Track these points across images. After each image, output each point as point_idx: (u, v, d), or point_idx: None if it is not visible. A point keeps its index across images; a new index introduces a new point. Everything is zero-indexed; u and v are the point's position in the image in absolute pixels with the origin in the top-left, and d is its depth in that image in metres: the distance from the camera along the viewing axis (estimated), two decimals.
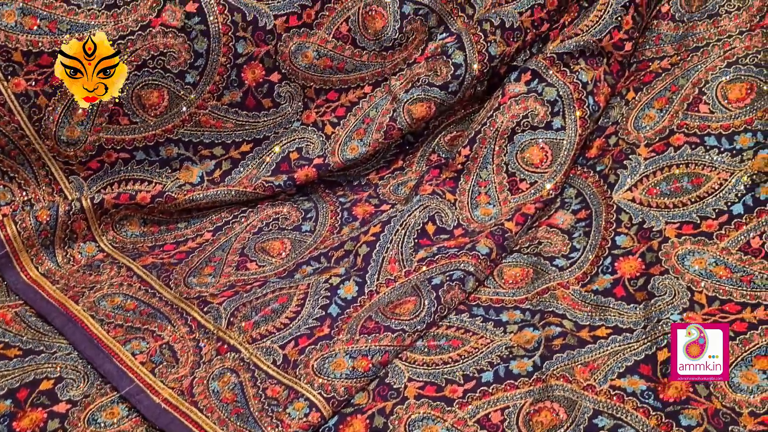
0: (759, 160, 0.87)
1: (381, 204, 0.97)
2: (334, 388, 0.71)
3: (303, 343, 0.76)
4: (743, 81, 0.92)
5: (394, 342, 0.75)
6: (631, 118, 0.97)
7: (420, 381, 0.73)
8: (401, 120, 0.99)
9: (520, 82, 0.99)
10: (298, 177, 0.97)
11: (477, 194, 0.96)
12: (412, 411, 0.70)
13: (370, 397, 0.72)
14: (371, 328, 0.77)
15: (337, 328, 0.78)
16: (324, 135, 1.01)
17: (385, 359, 0.74)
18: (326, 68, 1.00)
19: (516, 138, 0.96)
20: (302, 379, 0.72)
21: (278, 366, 0.74)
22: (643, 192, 0.90)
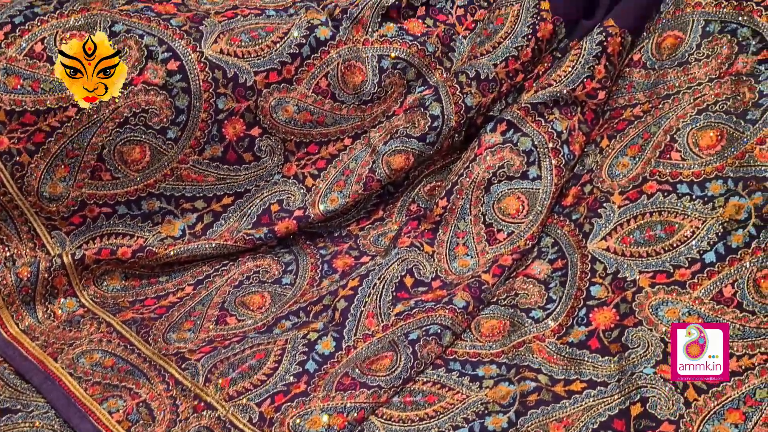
0: (730, 208, 0.88)
1: (361, 256, 0.98)
2: None
3: (279, 400, 0.77)
4: (713, 128, 0.94)
5: (370, 398, 0.76)
6: (605, 165, 0.98)
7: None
8: (380, 171, 1.00)
9: (495, 133, 1.01)
10: (278, 230, 0.98)
11: (455, 245, 0.97)
12: None
13: None
14: (347, 385, 0.77)
15: (313, 385, 0.78)
16: (305, 187, 1.03)
17: (361, 416, 0.75)
18: (306, 122, 1.02)
19: (492, 188, 0.98)
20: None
21: (254, 424, 0.74)
22: (617, 241, 0.91)
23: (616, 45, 1.02)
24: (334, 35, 1.01)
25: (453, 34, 1.08)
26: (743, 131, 0.91)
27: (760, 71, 0.94)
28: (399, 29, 1.06)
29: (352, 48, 1.02)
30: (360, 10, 1.04)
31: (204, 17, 0.99)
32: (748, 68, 0.95)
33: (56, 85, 0.91)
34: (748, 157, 0.89)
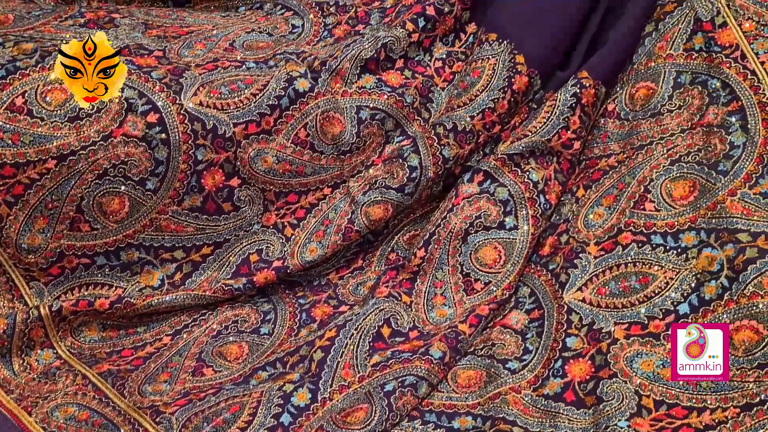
0: (703, 259, 0.89)
1: (340, 305, 0.98)
2: None
3: None
4: (686, 179, 0.96)
5: None
6: (581, 215, 0.99)
7: None
8: (359, 222, 1.01)
9: (472, 183, 1.02)
10: (257, 280, 0.99)
11: (433, 295, 0.97)
12: None
13: None
14: None
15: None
16: (284, 237, 1.04)
17: None
18: (286, 172, 1.03)
19: (470, 239, 0.99)
20: None
21: None
22: (592, 292, 0.92)
23: (590, 96, 1.05)
24: (313, 87, 1.03)
25: (431, 85, 1.10)
26: (715, 182, 0.93)
27: (730, 123, 0.97)
28: (377, 81, 1.08)
29: (330, 99, 1.04)
30: (339, 62, 1.06)
31: (185, 70, 1.01)
32: (718, 119, 0.98)
33: (36, 137, 0.92)
34: (720, 208, 0.91)
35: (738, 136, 0.96)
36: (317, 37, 1.16)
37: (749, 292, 0.84)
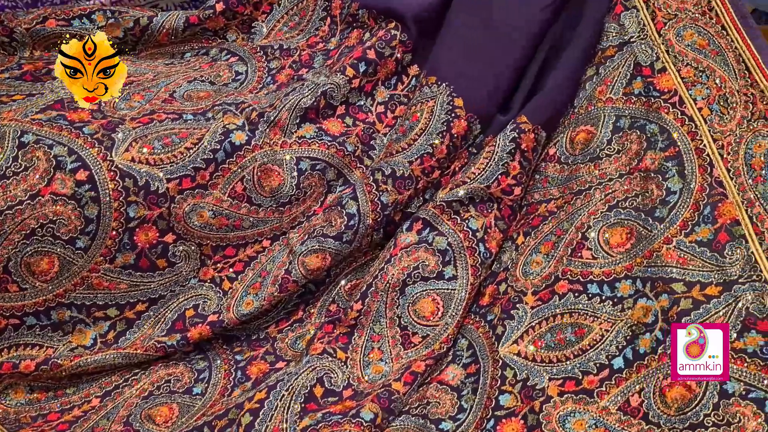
0: (638, 310, 0.88)
1: (277, 361, 0.97)
2: None
3: None
4: (623, 225, 0.94)
5: None
6: (519, 263, 0.98)
7: None
8: (296, 272, 1.00)
9: (411, 232, 1.01)
10: (191, 336, 0.97)
11: (370, 350, 0.96)
12: None
13: None
14: None
15: None
16: (221, 291, 1.02)
17: None
18: (222, 227, 1.01)
19: (407, 290, 0.97)
20: None
21: None
22: (528, 344, 0.90)
23: (530, 141, 1.04)
24: (250, 139, 1.02)
25: (373, 132, 1.09)
26: (651, 229, 0.92)
27: (667, 168, 0.96)
28: (318, 130, 1.07)
29: (268, 152, 1.03)
30: (278, 113, 1.05)
31: (118, 124, 1.00)
32: (655, 165, 0.97)
33: None
34: (656, 256, 0.90)
35: (675, 182, 0.95)
36: (260, 84, 1.15)
37: None
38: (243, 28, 1.24)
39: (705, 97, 0.98)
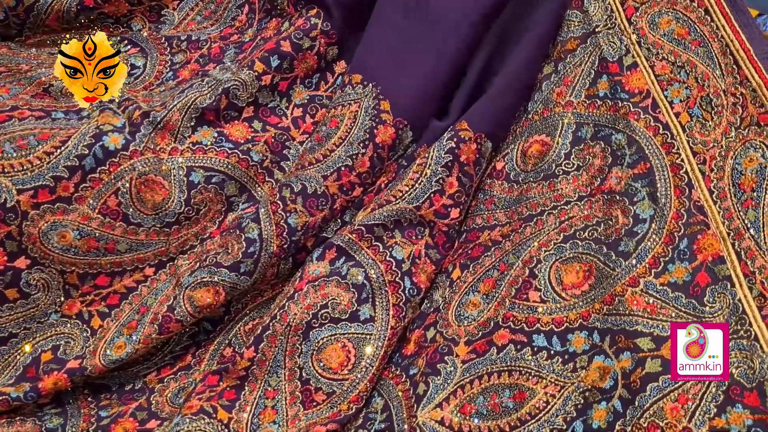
0: (593, 371, 0.69)
1: (148, 420, 0.78)
2: None
3: None
4: (581, 261, 0.76)
5: None
6: (453, 304, 0.80)
7: None
8: (181, 310, 0.81)
9: (323, 261, 0.82)
10: (43, 387, 0.78)
11: (261, 409, 0.77)
12: None
13: None
14: None
15: None
16: (89, 329, 0.83)
17: None
18: (91, 250, 0.83)
19: (312, 335, 0.79)
20: None
21: None
22: (455, 410, 0.71)
23: (471, 152, 0.85)
24: (128, 144, 0.84)
25: (286, 139, 0.91)
26: (614, 267, 0.74)
27: (636, 189, 0.77)
28: (218, 135, 0.88)
29: (151, 159, 0.84)
30: (167, 113, 0.86)
31: None
32: (622, 185, 0.78)
33: None
34: (618, 302, 0.71)
35: (644, 207, 0.76)
36: (159, 80, 0.97)
37: (646, 422, 0.64)
38: (150, 16, 1.06)
39: (684, 99, 0.80)
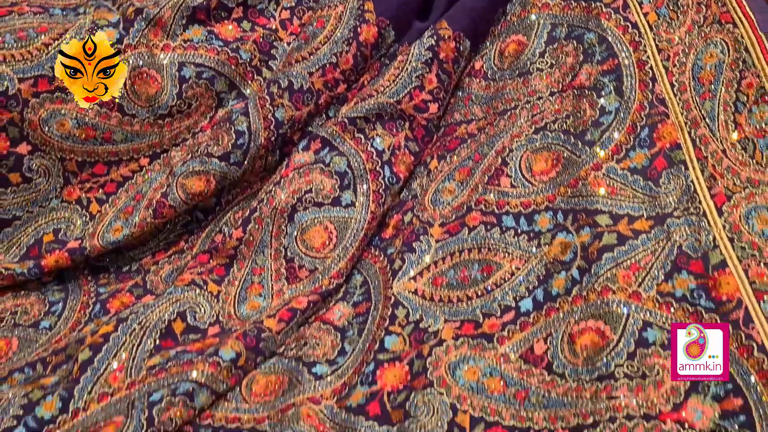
0: (556, 246, 0.75)
1: (144, 295, 0.84)
2: None
3: None
4: (550, 150, 0.81)
5: None
6: (429, 191, 0.85)
7: None
8: (174, 196, 0.86)
9: (308, 151, 0.87)
10: (46, 264, 0.84)
11: (249, 284, 0.83)
12: None
13: None
14: None
15: None
16: (88, 214, 0.89)
17: None
18: (89, 139, 0.87)
19: (297, 217, 0.84)
20: None
21: None
22: (427, 282, 0.77)
23: (450, 51, 0.89)
24: (122, 38, 0.88)
25: (274, 40, 0.95)
26: (580, 154, 0.79)
27: (603, 84, 0.82)
28: (208, 33, 0.92)
29: (144, 53, 0.88)
30: (159, 11, 0.90)
31: None
32: (591, 81, 0.83)
33: None
34: (582, 185, 0.77)
35: (610, 100, 0.81)
36: None
37: (600, 287, 0.70)
38: None
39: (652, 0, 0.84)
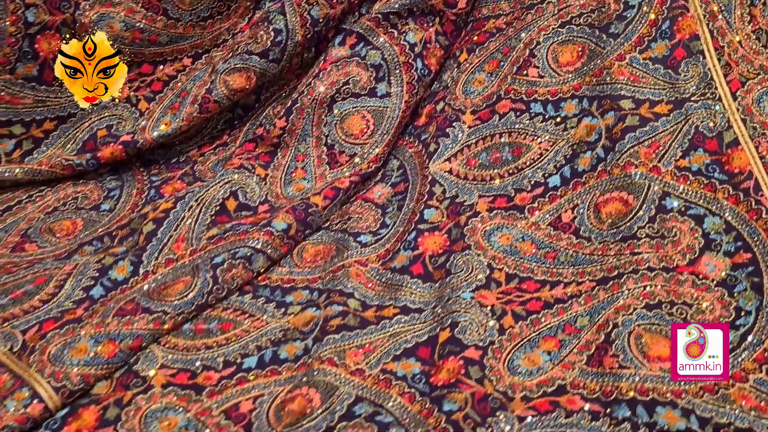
0: (581, 129, 0.81)
1: (194, 182, 0.90)
2: (67, 377, 0.64)
3: (48, 327, 0.69)
4: (575, 43, 0.86)
5: (150, 325, 0.68)
6: (460, 81, 0.90)
7: (174, 368, 0.66)
8: (217, 92, 0.91)
9: (344, 46, 0.92)
10: (102, 155, 0.89)
11: (293, 169, 0.89)
12: (155, 401, 0.63)
13: (112, 386, 0.65)
14: (128, 310, 0.69)
15: (91, 311, 0.70)
16: (138, 111, 0.94)
17: (137, 344, 0.67)
18: (136, 40, 0.92)
19: (336, 107, 0.90)
20: (33, 367, 0.65)
21: (14, 352, 0.66)
22: (461, 163, 0.83)
23: None
24: None
25: None
26: (604, 46, 0.84)
27: None
28: None
29: None
30: None
31: None
32: None
33: None
34: (606, 74, 0.82)
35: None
36: None
37: (623, 162, 0.76)
38: None
39: None
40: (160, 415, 0.62)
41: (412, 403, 0.61)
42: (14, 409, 0.61)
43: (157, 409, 0.63)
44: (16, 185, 0.89)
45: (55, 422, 0.62)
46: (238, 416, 0.62)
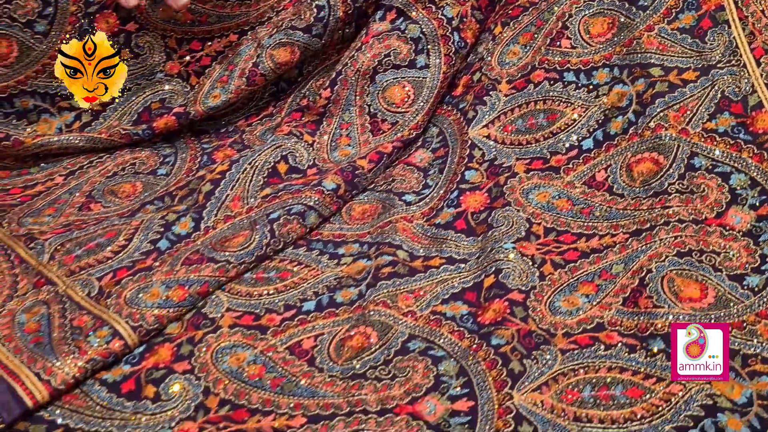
0: (613, 95, 0.85)
1: (244, 149, 0.95)
2: (142, 317, 0.69)
3: (122, 274, 0.74)
4: (606, 15, 0.91)
5: (216, 272, 0.74)
6: (496, 53, 0.95)
7: (239, 311, 0.72)
8: (264, 66, 0.96)
9: (384, 21, 0.97)
10: (156, 126, 0.95)
11: (338, 137, 0.94)
12: (223, 339, 0.69)
13: (183, 326, 0.70)
14: (194, 260, 0.75)
15: (160, 261, 0.76)
16: (189, 86, 0.99)
17: (204, 290, 0.72)
18: (187, 22, 0.97)
19: (378, 78, 0.95)
20: (111, 309, 0.70)
21: (92, 297, 0.72)
22: (499, 129, 0.88)
23: None
24: None
25: None
26: (634, 18, 0.88)
27: None
28: None
29: None
30: None
31: None
32: None
33: None
34: (636, 44, 0.86)
35: None
36: None
37: (654, 125, 0.80)
38: None
39: None
40: (230, 351, 0.67)
41: (462, 339, 0.66)
42: (98, 344, 0.66)
43: (227, 346, 0.68)
44: (78, 152, 0.95)
45: (134, 357, 0.67)
46: (302, 351, 0.67)
